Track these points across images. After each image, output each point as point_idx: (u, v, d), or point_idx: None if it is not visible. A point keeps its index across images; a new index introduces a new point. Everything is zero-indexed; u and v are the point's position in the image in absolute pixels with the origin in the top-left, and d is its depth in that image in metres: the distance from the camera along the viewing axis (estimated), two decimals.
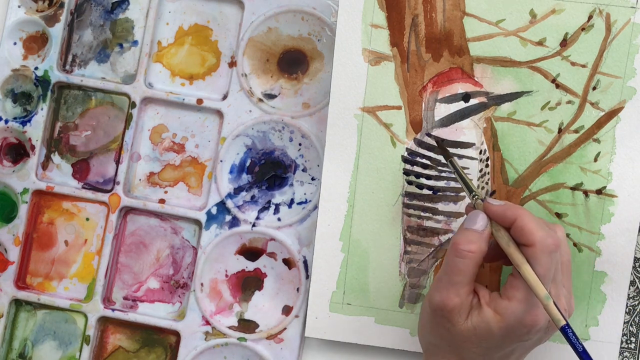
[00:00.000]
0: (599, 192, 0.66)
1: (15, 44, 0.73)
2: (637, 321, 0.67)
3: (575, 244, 0.66)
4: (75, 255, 0.72)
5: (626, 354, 0.67)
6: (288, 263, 0.70)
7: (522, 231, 0.56)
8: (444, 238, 0.68)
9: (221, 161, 0.70)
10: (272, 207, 0.71)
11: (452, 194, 0.67)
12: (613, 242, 0.66)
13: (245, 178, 0.71)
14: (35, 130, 0.72)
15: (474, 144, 0.67)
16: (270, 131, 0.70)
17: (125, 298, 0.72)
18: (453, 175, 0.67)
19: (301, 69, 0.71)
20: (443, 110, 0.67)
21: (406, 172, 0.67)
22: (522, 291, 0.57)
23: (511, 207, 0.58)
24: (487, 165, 0.67)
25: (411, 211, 0.68)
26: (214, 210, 0.70)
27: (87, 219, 0.72)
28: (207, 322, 0.70)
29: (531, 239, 0.56)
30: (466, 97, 0.67)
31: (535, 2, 0.65)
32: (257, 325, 0.70)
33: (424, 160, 0.67)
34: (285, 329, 0.70)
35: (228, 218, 0.70)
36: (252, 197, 0.71)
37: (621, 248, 0.66)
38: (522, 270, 0.56)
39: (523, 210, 0.57)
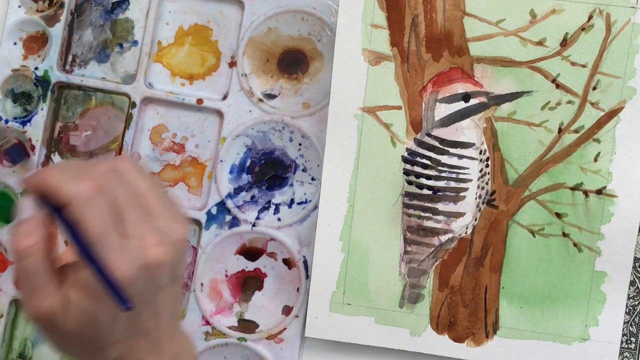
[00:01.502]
0: (599, 192, 0.66)
1: (15, 44, 0.73)
2: (637, 321, 0.67)
3: (575, 244, 0.66)
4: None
5: (626, 354, 0.67)
6: (288, 263, 0.70)
7: (51, 193, 0.48)
8: (444, 238, 0.68)
9: (221, 161, 0.70)
10: (272, 207, 0.71)
11: (452, 194, 0.67)
12: (613, 242, 0.66)
13: (245, 178, 0.71)
14: (36, 130, 0.72)
15: (474, 144, 0.67)
16: (270, 131, 0.70)
17: None
18: (453, 176, 0.67)
19: (301, 69, 0.71)
20: (443, 110, 0.67)
21: (406, 172, 0.67)
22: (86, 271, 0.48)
23: (37, 172, 0.49)
24: (487, 165, 0.67)
25: (411, 211, 0.68)
26: (214, 210, 0.70)
27: None
28: (207, 322, 0.70)
29: (63, 198, 0.48)
30: (466, 97, 0.67)
31: (535, 2, 0.65)
32: (257, 326, 0.70)
33: (424, 160, 0.67)
34: (285, 329, 0.69)
35: (228, 218, 0.70)
36: (252, 197, 0.71)
37: (621, 248, 0.66)
38: (76, 248, 0.48)
39: (48, 169, 0.49)
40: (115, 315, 0.49)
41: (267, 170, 0.71)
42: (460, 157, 0.67)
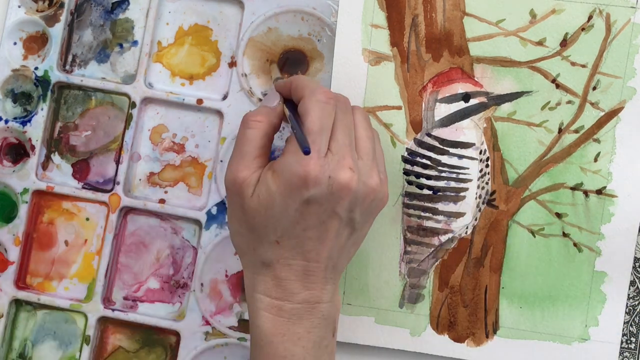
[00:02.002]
0: (599, 192, 0.66)
1: (15, 44, 0.73)
2: (637, 321, 0.67)
3: (575, 244, 0.66)
4: (75, 255, 0.72)
5: (626, 354, 0.67)
6: None
7: (296, 89, 0.58)
8: (444, 238, 0.68)
9: (221, 161, 0.70)
10: None
11: (452, 194, 0.67)
12: (613, 242, 0.66)
13: None
14: (35, 130, 0.72)
15: (474, 144, 0.67)
16: None
17: (125, 298, 0.72)
18: (453, 176, 0.67)
19: (301, 69, 0.71)
20: (443, 110, 0.67)
21: (406, 172, 0.67)
22: (293, 143, 0.56)
23: (293, 78, 0.60)
24: (487, 165, 0.67)
25: (411, 211, 0.68)
26: (214, 210, 0.70)
27: (87, 219, 0.72)
28: (207, 322, 0.70)
29: (301, 93, 0.57)
30: (466, 97, 0.67)
31: (535, 2, 0.65)
32: None
33: (424, 161, 0.67)
34: None
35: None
36: None
37: (621, 248, 0.66)
38: (291, 123, 0.57)
39: (301, 76, 0.60)
40: (291, 211, 0.55)
41: None
42: (460, 157, 0.67)
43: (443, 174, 0.67)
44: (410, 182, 0.67)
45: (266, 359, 0.57)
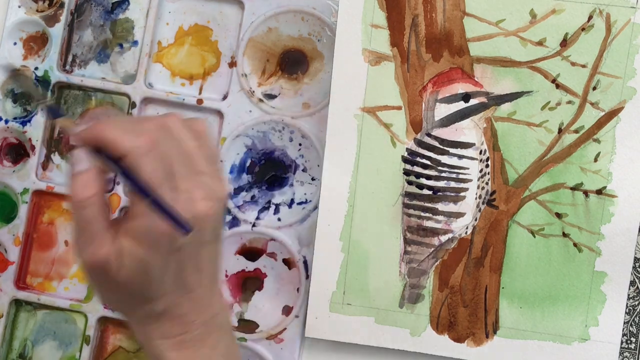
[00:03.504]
0: (599, 192, 0.66)
1: (15, 44, 0.73)
2: (637, 321, 0.67)
3: (575, 244, 0.66)
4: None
5: (626, 354, 0.67)
6: (288, 263, 0.70)
7: (108, 146, 0.50)
8: (444, 238, 0.68)
9: (221, 161, 0.70)
10: (272, 207, 0.71)
11: (452, 194, 0.67)
12: (613, 242, 0.66)
13: (245, 178, 0.71)
14: (36, 131, 0.72)
15: (474, 144, 0.67)
16: (270, 131, 0.70)
17: None
18: (453, 176, 0.67)
19: (301, 69, 0.71)
20: (443, 110, 0.67)
21: (406, 172, 0.67)
22: (137, 203, 0.51)
23: (92, 126, 0.51)
24: (487, 166, 0.67)
25: (411, 211, 0.68)
26: None
27: None
28: None
29: (121, 150, 0.50)
30: (466, 97, 0.67)
31: (535, 2, 0.65)
32: (257, 326, 0.70)
33: (424, 161, 0.67)
34: (285, 329, 0.69)
35: (228, 218, 0.70)
36: (252, 197, 0.71)
37: (621, 248, 0.66)
38: (131, 188, 0.50)
39: (104, 123, 0.51)
40: (165, 264, 0.51)
41: (267, 171, 0.71)
42: (460, 157, 0.67)
43: (443, 174, 0.67)
44: (410, 182, 0.67)
45: None
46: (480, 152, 0.67)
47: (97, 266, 0.51)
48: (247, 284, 0.71)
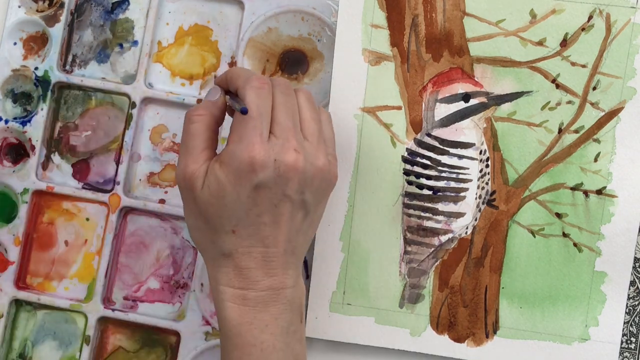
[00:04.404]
0: (599, 192, 0.66)
1: (15, 44, 0.73)
2: (637, 321, 0.67)
3: (575, 244, 0.66)
4: (75, 255, 0.72)
5: (626, 354, 0.67)
6: None
7: (231, 80, 0.59)
8: (444, 238, 0.68)
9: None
10: None
11: (452, 194, 0.67)
12: (613, 242, 0.66)
13: None
14: (35, 131, 0.72)
15: (474, 144, 0.67)
16: None
17: (125, 298, 0.72)
18: (453, 176, 0.67)
19: (301, 69, 0.71)
20: (443, 110, 0.67)
21: (406, 172, 0.67)
22: (236, 132, 0.56)
23: (229, 70, 0.60)
24: (487, 166, 0.67)
25: (411, 211, 0.68)
26: None
27: (87, 219, 0.72)
28: (207, 322, 0.70)
29: (236, 82, 0.58)
30: (466, 97, 0.67)
31: (535, 2, 0.65)
32: None
33: (424, 161, 0.67)
34: None
35: None
36: None
37: (621, 248, 0.66)
38: (231, 102, 0.59)
39: (236, 67, 0.61)
40: (241, 197, 0.55)
41: None
42: (460, 157, 0.67)
43: (443, 174, 0.67)
44: (410, 182, 0.67)
45: (236, 349, 0.57)
46: (480, 152, 0.67)
47: (185, 179, 0.57)
48: None
